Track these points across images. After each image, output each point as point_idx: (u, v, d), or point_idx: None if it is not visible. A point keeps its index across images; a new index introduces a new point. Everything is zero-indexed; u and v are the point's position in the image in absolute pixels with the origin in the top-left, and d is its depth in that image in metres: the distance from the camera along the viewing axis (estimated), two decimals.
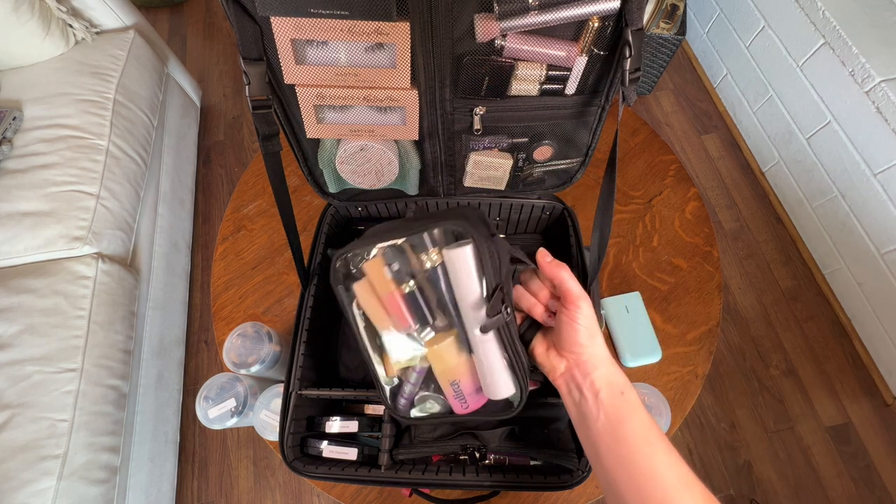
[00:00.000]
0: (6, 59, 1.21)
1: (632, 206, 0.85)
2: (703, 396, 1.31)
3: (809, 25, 1.27)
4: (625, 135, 0.92)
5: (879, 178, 1.18)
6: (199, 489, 1.27)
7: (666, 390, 0.71)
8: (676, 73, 1.82)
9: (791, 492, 1.21)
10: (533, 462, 0.56)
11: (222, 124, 1.80)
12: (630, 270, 0.80)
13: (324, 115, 0.52)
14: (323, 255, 0.64)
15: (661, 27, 1.48)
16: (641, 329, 0.73)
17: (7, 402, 0.89)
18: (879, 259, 1.22)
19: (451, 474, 0.52)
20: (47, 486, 0.85)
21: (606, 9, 0.42)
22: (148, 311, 1.22)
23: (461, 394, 0.45)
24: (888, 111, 1.10)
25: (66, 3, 1.26)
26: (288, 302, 0.79)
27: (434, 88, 0.50)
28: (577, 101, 0.52)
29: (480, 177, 0.62)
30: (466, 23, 0.43)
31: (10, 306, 0.97)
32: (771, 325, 1.39)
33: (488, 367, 0.43)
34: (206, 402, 0.63)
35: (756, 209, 1.56)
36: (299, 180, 0.88)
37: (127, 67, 1.28)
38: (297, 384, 0.56)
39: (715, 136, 1.70)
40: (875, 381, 1.31)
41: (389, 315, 0.44)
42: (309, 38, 0.43)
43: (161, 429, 1.19)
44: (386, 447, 0.54)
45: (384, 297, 0.44)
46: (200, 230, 1.60)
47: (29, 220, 1.04)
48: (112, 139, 1.18)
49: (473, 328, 0.42)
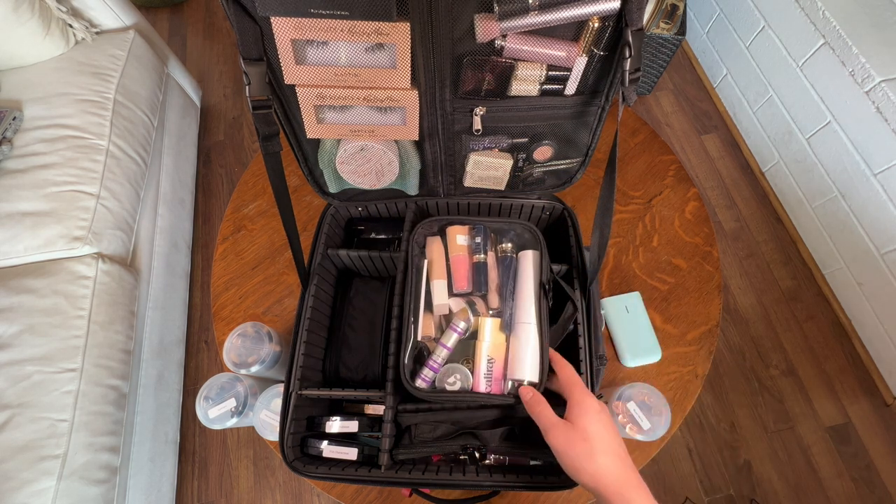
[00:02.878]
0: (6, 59, 1.21)
1: (632, 206, 0.85)
2: (703, 396, 1.31)
3: (809, 25, 1.27)
4: (625, 135, 0.92)
5: (879, 178, 1.18)
6: (199, 489, 1.27)
7: (666, 390, 0.71)
8: (676, 73, 1.82)
9: (791, 492, 1.21)
10: (533, 462, 0.56)
11: (222, 124, 1.80)
12: (630, 270, 0.80)
13: (324, 116, 0.52)
14: (323, 255, 0.65)
15: (661, 27, 1.48)
16: (641, 329, 0.73)
17: (7, 402, 0.89)
18: (879, 259, 1.22)
19: (451, 474, 0.52)
20: (47, 486, 0.85)
21: (606, 9, 0.42)
22: (148, 311, 1.22)
23: (490, 374, 0.52)
24: (888, 111, 1.10)
25: (66, 3, 1.25)
26: (288, 302, 0.79)
27: (434, 89, 0.50)
28: (577, 101, 0.52)
29: (480, 177, 0.62)
30: (466, 23, 0.43)
31: (10, 306, 0.97)
32: (771, 325, 1.39)
33: (523, 347, 0.51)
34: (207, 402, 0.63)
35: (756, 209, 1.56)
36: (299, 180, 0.88)
37: (127, 67, 1.28)
38: (297, 384, 0.56)
39: (715, 136, 1.70)
40: (875, 381, 1.31)
41: (452, 272, 0.56)
42: (309, 39, 0.43)
43: (161, 429, 1.19)
44: (386, 447, 0.54)
45: (454, 256, 0.56)
46: (200, 230, 1.60)
47: (29, 220, 1.04)
48: (112, 139, 1.18)
49: (522, 312, 0.52)
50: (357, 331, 0.66)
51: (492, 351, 0.52)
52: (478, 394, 0.51)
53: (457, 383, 0.52)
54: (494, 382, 0.51)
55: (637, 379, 0.72)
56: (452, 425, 0.57)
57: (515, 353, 0.52)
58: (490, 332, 0.53)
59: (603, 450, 0.42)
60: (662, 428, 0.61)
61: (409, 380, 0.52)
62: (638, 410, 0.62)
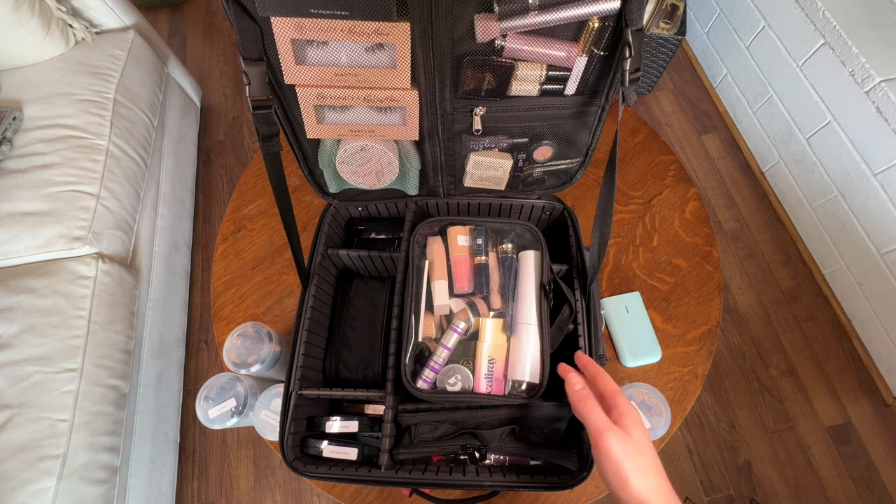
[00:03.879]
0: (6, 59, 1.21)
1: (632, 206, 0.85)
2: (703, 396, 1.31)
3: (809, 25, 1.27)
4: (625, 135, 0.92)
5: (879, 178, 1.18)
6: (199, 489, 1.27)
7: (666, 390, 0.71)
8: (676, 73, 1.82)
9: (791, 492, 1.21)
10: (533, 462, 0.56)
11: (222, 124, 1.80)
12: (630, 270, 0.80)
13: (324, 116, 0.52)
14: (323, 255, 0.65)
15: (661, 27, 1.48)
16: (641, 329, 0.73)
17: (7, 402, 0.89)
18: (879, 259, 1.22)
19: (451, 474, 0.52)
20: (47, 486, 0.85)
21: (606, 9, 0.42)
22: (148, 311, 1.22)
23: (491, 374, 0.51)
24: (888, 111, 1.10)
25: (66, 3, 1.25)
26: (288, 302, 0.79)
27: (434, 89, 0.50)
28: (577, 101, 0.52)
29: (480, 177, 0.62)
30: (466, 23, 0.43)
31: (10, 306, 0.97)
32: (771, 325, 1.39)
33: (524, 348, 0.51)
34: (207, 402, 0.63)
35: (756, 209, 1.56)
36: (299, 180, 0.88)
37: (127, 67, 1.28)
38: (297, 384, 0.56)
39: (715, 136, 1.70)
40: (875, 381, 1.31)
41: (453, 273, 0.56)
42: (309, 39, 0.43)
43: (161, 429, 1.19)
44: (386, 447, 0.54)
45: (455, 257, 0.56)
46: (200, 230, 1.60)
47: (29, 220, 1.04)
48: (112, 139, 1.18)
49: (523, 312, 0.52)
50: (357, 331, 0.66)
51: (493, 352, 0.52)
52: (479, 394, 0.51)
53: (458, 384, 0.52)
54: (495, 383, 0.51)
55: (637, 379, 0.72)
56: (452, 425, 0.57)
57: (516, 353, 0.52)
58: (491, 332, 0.54)
59: (657, 470, 0.40)
60: (662, 428, 0.62)
61: (409, 380, 0.52)
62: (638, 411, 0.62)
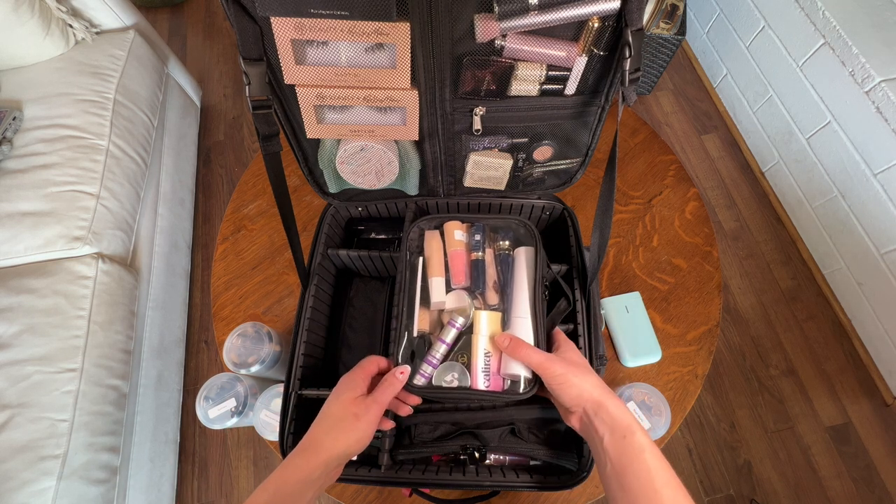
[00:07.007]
0: (6, 59, 1.21)
1: (632, 206, 0.85)
2: (703, 396, 1.31)
3: (809, 25, 1.27)
4: (625, 135, 0.92)
5: (879, 178, 1.18)
6: (199, 489, 1.27)
7: (666, 390, 0.71)
8: (676, 73, 1.82)
9: (791, 492, 1.21)
10: (533, 462, 0.56)
11: (222, 124, 1.80)
12: (630, 270, 0.80)
13: (324, 116, 0.52)
14: (323, 255, 0.65)
15: (661, 27, 1.48)
16: (641, 329, 0.73)
17: (7, 402, 0.89)
18: (879, 259, 1.22)
19: (451, 474, 0.52)
20: (47, 486, 0.85)
21: (606, 9, 0.42)
22: (148, 311, 1.22)
23: (488, 368, 0.50)
24: (888, 111, 1.10)
25: (66, 3, 1.26)
26: (288, 302, 0.79)
27: (434, 89, 0.50)
28: (577, 101, 0.52)
29: (480, 177, 0.62)
30: (466, 23, 0.43)
31: (10, 306, 0.97)
32: (771, 325, 1.39)
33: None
34: (207, 402, 0.63)
35: (756, 209, 1.56)
36: (299, 180, 0.88)
37: (127, 67, 1.28)
38: (297, 384, 0.56)
39: (715, 136, 1.70)
40: (875, 381, 1.31)
41: (450, 268, 0.55)
42: (309, 39, 0.43)
43: (161, 429, 1.19)
44: (386, 447, 0.54)
45: (451, 252, 0.56)
46: (200, 230, 1.60)
47: (29, 220, 1.04)
48: (112, 139, 1.18)
49: (517, 306, 0.52)
50: (357, 331, 0.66)
51: (488, 345, 0.52)
52: (476, 391, 0.51)
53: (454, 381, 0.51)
54: (493, 378, 0.50)
55: (637, 379, 0.72)
56: (452, 425, 0.57)
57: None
58: (485, 324, 0.52)
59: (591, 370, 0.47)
60: (662, 428, 0.62)
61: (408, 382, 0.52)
62: (638, 410, 0.62)
